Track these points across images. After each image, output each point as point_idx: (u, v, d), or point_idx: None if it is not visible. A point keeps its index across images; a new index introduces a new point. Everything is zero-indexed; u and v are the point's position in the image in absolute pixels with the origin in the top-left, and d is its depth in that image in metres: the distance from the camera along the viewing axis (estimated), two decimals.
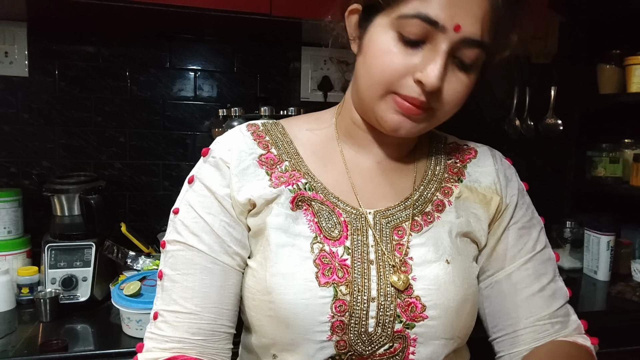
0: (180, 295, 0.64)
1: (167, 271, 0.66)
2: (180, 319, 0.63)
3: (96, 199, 1.31)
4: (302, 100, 1.68)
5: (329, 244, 0.64)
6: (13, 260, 1.32)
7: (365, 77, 0.63)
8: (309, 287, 0.60)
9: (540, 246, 0.72)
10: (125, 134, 1.56)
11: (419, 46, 0.59)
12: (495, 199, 0.71)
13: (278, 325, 0.62)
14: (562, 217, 1.80)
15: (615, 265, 1.63)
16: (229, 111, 1.51)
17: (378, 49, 0.60)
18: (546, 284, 0.70)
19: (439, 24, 0.56)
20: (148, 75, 1.56)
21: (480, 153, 0.76)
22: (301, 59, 1.67)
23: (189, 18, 1.34)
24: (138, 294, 1.11)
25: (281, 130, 0.72)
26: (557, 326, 0.69)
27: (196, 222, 0.66)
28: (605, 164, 1.75)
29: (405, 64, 0.59)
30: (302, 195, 0.66)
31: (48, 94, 1.48)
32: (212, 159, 0.68)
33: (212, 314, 0.64)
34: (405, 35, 0.58)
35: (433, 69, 0.58)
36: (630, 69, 1.62)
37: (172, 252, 0.66)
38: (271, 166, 0.68)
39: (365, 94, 0.64)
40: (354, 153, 0.72)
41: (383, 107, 0.63)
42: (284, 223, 0.64)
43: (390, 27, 0.59)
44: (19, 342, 1.05)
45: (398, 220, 0.68)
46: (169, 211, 0.69)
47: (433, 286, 0.63)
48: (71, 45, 1.48)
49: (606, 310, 1.42)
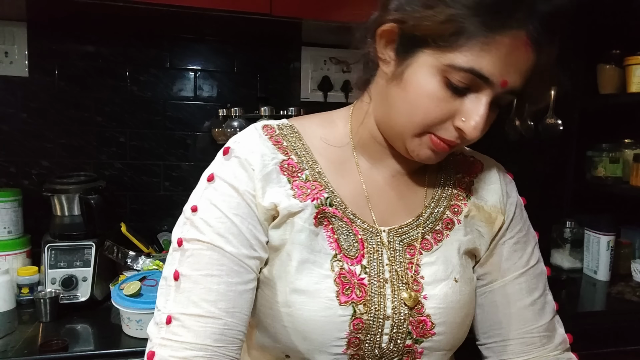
0: (202, 297, 0.59)
1: (185, 271, 0.60)
2: (202, 323, 0.58)
3: (96, 199, 1.31)
4: (302, 100, 1.68)
5: (348, 262, 0.64)
6: (13, 260, 1.32)
7: (404, 113, 0.62)
8: (330, 305, 0.61)
9: (533, 261, 0.74)
10: (126, 134, 1.56)
11: (463, 94, 0.59)
12: (499, 219, 0.73)
13: (294, 336, 0.62)
14: (562, 217, 1.80)
15: (615, 265, 1.63)
16: (229, 111, 1.51)
17: (424, 92, 0.59)
18: (537, 297, 0.73)
19: (488, 80, 0.57)
20: (148, 75, 1.56)
21: (486, 167, 0.77)
22: (301, 59, 1.67)
23: (189, 18, 1.34)
24: (138, 294, 1.11)
25: (297, 135, 0.70)
26: (544, 340, 0.72)
27: (222, 223, 0.62)
28: (605, 164, 1.75)
29: (448, 109, 0.60)
30: (324, 211, 0.65)
31: (48, 93, 1.48)
32: (236, 159, 0.65)
33: (235, 319, 0.60)
34: (453, 83, 0.58)
35: (477, 123, 0.59)
36: (630, 69, 1.62)
37: (191, 250, 0.61)
38: (292, 174, 0.66)
39: (400, 127, 0.63)
40: (369, 165, 0.71)
41: (417, 143, 0.63)
42: (306, 239, 0.63)
43: (437, 71, 0.58)
44: (19, 342, 1.05)
45: (410, 238, 0.68)
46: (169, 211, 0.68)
47: (442, 305, 0.65)
48: (71, 45, 1.48)
49: (606, 310, 1.42)
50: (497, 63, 0.56)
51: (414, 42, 0.59)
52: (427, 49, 0.58)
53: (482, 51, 0.55)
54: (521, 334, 0.72)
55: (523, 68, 0.58)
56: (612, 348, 1.33)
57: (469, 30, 0.55)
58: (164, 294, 0.61)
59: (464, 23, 0.54)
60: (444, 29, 0.55)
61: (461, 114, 0.59)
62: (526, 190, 0.79)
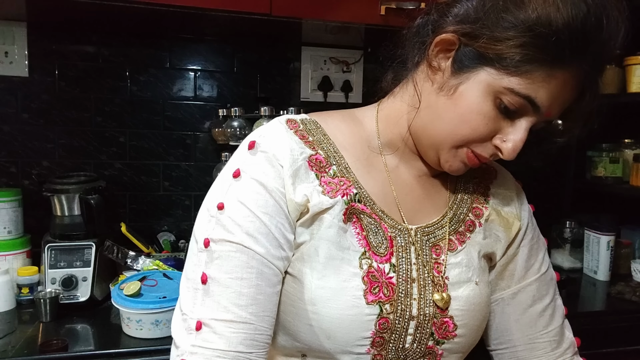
0: (232, 301, 0.57)
1: (214, 274, 0.58)
2: (234, 329, 0.56)
3: (96, 199, 1.31)
4: (302, 100, 1.68)
5: (377, 260, 0.63)
6: (13, 260, 1.32)
7: (451, 125, 0.62)
8: (356, 304, 0.60)
9: (544, 268, 0.75)
10: (125, 134, 1.56)
11: (511, 116, 0.60)
12: (516, 224, 0.73)
13: (318, 335, 0.61)
14: (562, 217, 1.80)
15: (615, 265, 1.63)
16: (229, 111, 1.51)
17: (476, 109, 0.60)
18: (547, 304, 0.74)
19: (539, 109, 0.58)
20: (148, 75, 1.56)
21: (500, 174, 0.78)
22: (301, 59, 1.67)
23: (189, 18, 1.34)
24: (138, 294, 1.11)
25: (321, 130, 0.68)
26: (553, 344, 0.74)
27: (251, 222, 0.59)
28: (605, 164, 1.75)
29: (494, 129, 0.61)
30: (353, 207, 0.64)
31: (48, 94, 1.48)
32: (263, 154, 0.62)
33: (265, 323, 0.59)
34: (506, 105, 0.59)
35: (517, 145, 0.61)
36: (630, 69, 1.62)
37: (219, 252, 0.58)
38: (320, 169, 0.64)
39: (441, 138, 0.63)
40: (396, 163, 0.70)
41: (452, 154, 0.64)
42: (335, 235, 0.62)
43: (494, 90, 0.59)
44: (19, 342, 1.05)
45: (436, 238, 0.68)
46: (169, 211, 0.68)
47: (465, 307, 0.66)
48: (71, 45, 1.49)
49: (606, 310, 1.42)
50: (551, 95, 0.57)
51: (476, 58, 0.59)
52: (489, 67, 0.58)
53: (543, 82, 0.57)
54: (531, 339, 0.73)
55: (567, 103, 0.60)
56: (612, 348, 1.33)
57: (539, 61, 0.56)
58: (190, 297, 0.59)
59: (538, 53, 0.55)
60: (513, 54, 0.56)
61: (502, 134, 0.61)
62: (526, 191, 0.79)
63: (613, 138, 1.80)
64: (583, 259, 1.69)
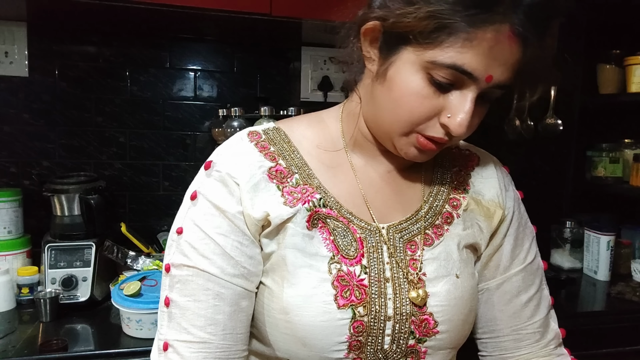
0: (191, 323, 0.60)
1: (174, 297, 0.61)
2: (194, 349, 0.60)
3: (96, 199, 1.31)
4: (302, 100, 1.68)
5: (346, 263, 0.63)
6: (13, 260, 1.32)
7: (390, 111, 0.61)
8: (328, 309, 0.60)
9: (530, 257, 0.74)
10: (125, 134, 1.56)
11: (447, 90, 0.58)
12: (498, 213, 0.72)
13: (295, 343, 0.62)
14: (562, 217, 1.80)
15: (615, 265, 1.63)
16: (229, 111, 1.51)
17: (407, 89, 0.58)
18: (533, 294, 0.73)
19: (472, 75, 0.56)
20: (148, 75, 1.56)
21: (482, 160, 0.76)
22: (301, 59, 1.67)
23: (189, 18, 1.34)
24: (138, 294, 1.11)
25: (284, 138, 0.68)
26: (537, 336, 0.74)
27: (206, 244, 0.61)
28: (605, 164, 1.75)
29: (433, 106, 0.59)
30: (318, 212, 0.64)
31: (48, 94, 1.48)
32: (217, 174, 0.63)
33: (226, 341, 0.61)
34: (436, 79, 0.57)
35: (462, 119, 0.58)
36: (630, 69, 1.62)
37: (179, 276, 0.61)
38: (281, 180, 0.64)
39: (387, 126, 0.63)
40: (363, 163, 0.70)
41: (404, 142, 0.63)
42: (300, 243, 0.62)
43: (420, 67, 0.57)
44: (19, 342, 1.05)
45: (410, 234, 0.67)
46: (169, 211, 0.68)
47: (445, 302, 0.64)
48: (71, 45, 1.49)
49: (606, 310, 1.42)
50: (480, 58, 0.55)
51: (396, 40, 0.58)
52: (409, 46, 0.57)
53: (463, 47, 0.54)
54: (515, 330, 0.73)
55: (509, 62, 0.56)
56: (612, 348, 1.33)
57: (449, 26, 0.54)
58: (160, 318, 0.63)
59: (445, 19, 0.54)
60: (424, 26, 0.55)
61: (447, 110, 0.59)
62: (526, 190, 0.79)
63: (613, 138, 1.81)
64: (583, 259, 1.70)
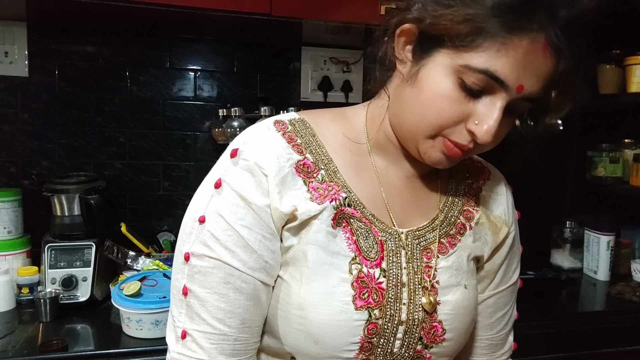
0: (211, 315, 0.59)
1: (193, 288, 0.60)
2: (213, 340, 0.59)
3: (96, 199, 1.31)
4: (302, 100, 1.68)
5: (367, 265, 0.62)
6: (13, 260, 1.32)
7: (417, 113, 0.60)
8: (345, 309, 0.60)
9: (516, 276, 0.77)
10: (125, 134, 1.56)
11: (477, 96, 0.57)
12: (504, 230, 0.73)
13: (306, 339, 0.61)
14: (562, 217, 1.80)
15: (615, 265, 1.63)
16: (229, 111, 1.52)
17: (437, 92, 0.58)
18: (508, 309, 0.78)
19: (504, 83, 0.55)
20: (148, 75, 1.56)
21: (493, 176, 0.77)
22: (301, 59, 1.67)
23: (189, 18, 1.34)
24: (138, 294, 1.11)
25: (310, 131, 0.66)
26: (498, 347, 0.79)
27: (229, 236, 0.59)
28: (605, 164, 1.75)
29: (462, 111, 0.58)
30: (343, 211, 0.63)
31: (48, 94, 1.48)
32: (245, 162, 0.61)
33: (245, 333, 0.61)
34: (468, 85, 0.56)
35: (489, 127, 0.57)
36: (630, 69, 1.62)
37: (199, 267, 0.60)
38: (308, 174, 0.63)
39: (412, 128, 0.62)
40: (385, 165, 0.69)
41: (429, 145, 0.62)
42: (323, 240, 0.61)
43: (452, 71, 0.57)
44: (19, 342, 1.05)
45: (427, 241, 0.67)
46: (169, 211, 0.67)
47: (453, 311, 0.66)
48: (71, 45, 1.49)
49: (606, 310, 1.42)
50: (513, 66, 0.54)
51: (430, 42, 0.58)
52: (443, 49, 0.57)
53: (498, 52, 0.54)
54: (484, 339, 0.77)
55: (541, 73, 0.56)
56: (612, 348, 1.33)
57: (486, 31, 0.53)
58: (177, 305, 0.62)
59: (482, 23, 0.53)
60: (461, 29, 0.54)
61: (474, 117, 0.58)
62: (526, 190, 0.79)
63: (613, 138, 1.81)
64: (583, 259, 1.70)
